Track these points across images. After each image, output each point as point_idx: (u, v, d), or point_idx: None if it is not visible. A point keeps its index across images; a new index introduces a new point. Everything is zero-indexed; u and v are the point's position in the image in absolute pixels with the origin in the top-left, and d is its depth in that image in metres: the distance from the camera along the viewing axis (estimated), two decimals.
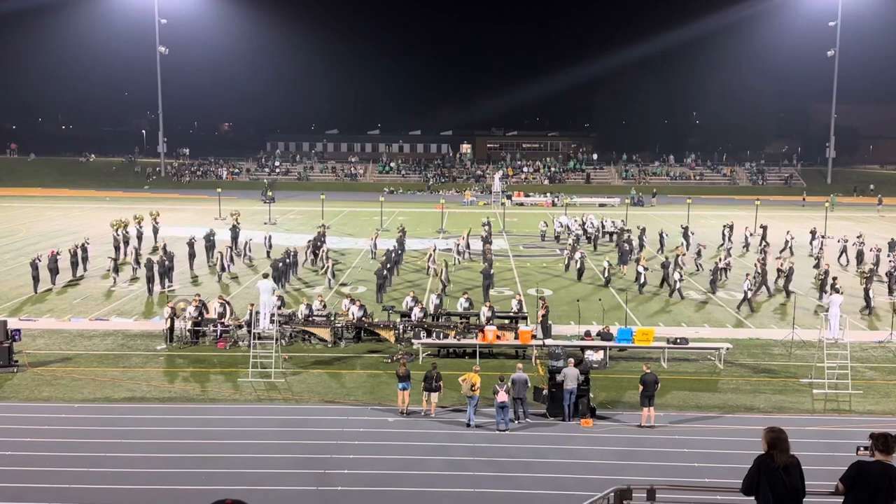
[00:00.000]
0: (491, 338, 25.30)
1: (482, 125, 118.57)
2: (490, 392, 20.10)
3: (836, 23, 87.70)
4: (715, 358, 25.50)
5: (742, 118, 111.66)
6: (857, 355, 25.76)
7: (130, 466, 17.38)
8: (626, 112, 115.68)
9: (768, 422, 14.37)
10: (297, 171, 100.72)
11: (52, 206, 69.81)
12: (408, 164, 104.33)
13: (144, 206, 67.53)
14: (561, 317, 30.28)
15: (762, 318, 31.74)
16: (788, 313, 31.55)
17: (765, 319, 31.61)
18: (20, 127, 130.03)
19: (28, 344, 25.81)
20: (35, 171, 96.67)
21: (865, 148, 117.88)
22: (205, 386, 22.99)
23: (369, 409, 21.08)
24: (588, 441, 19.23)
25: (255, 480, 16.75)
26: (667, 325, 30.11)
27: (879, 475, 7.52)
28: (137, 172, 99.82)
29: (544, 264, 43.40)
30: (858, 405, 21.95)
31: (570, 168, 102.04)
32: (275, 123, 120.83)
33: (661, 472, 17.12)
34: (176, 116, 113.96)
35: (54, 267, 35.28)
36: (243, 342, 26.32)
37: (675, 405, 21.55)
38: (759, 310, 32.93)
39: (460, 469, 17.50)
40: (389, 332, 27.17)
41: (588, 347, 24.93)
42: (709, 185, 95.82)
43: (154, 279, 34.31)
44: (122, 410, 20.84)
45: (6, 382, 22.81)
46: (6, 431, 19.31)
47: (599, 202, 77.38)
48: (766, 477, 7.68)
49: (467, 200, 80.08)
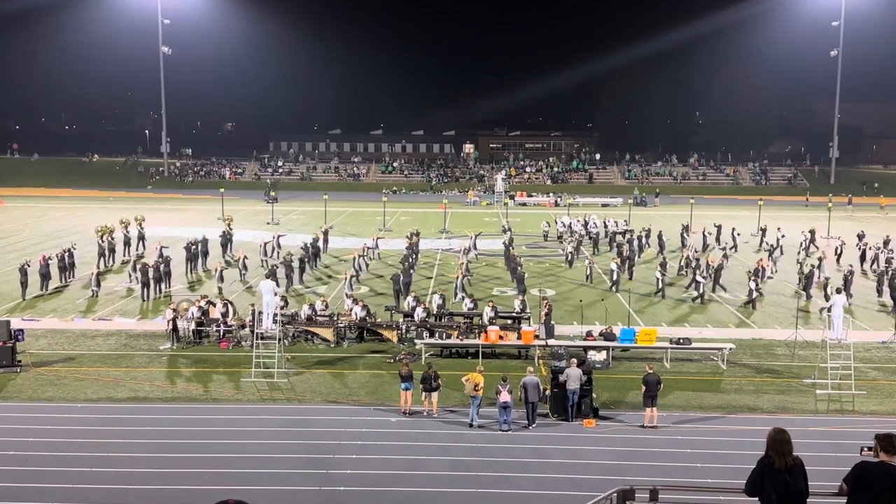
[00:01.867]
0: (493, 338, 25.28)
1: (485, 125, 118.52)
2: (493, 392, 20.08)
3: (840, 22, 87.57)
4: (718, 358, 25.46)
5: (745, 118, 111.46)
6: (861, 356, 25.70)
7: (133, 466, 17.40)
8: (629, 112, 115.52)
9: (771, 422, 14.34)
10: (299, 171, 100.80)
11: (55, 207, 69.89)
12: (410, 164, 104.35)
13: (147, 206, 67.73)
14: (564, 317, 30.27)
15: (765, 319, 31.69)
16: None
17: (767, 319, 31.56)
18: (23, 126, 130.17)
19: (31, 344, 25.84)
20: (38, 171, 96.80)
21: (869, 147, 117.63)
22: (207, 386, 23.00)
23: (372, 409, 21.08)
24: (591, 441, 19.22)
25: (258, 480, 16.76)
26: (670, 325, 30.10)
27: (883, 475, 7.50)
28: (140, 172, 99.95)
29: (547, 264, 43.37)
30: (862, 405, 21.91)
31: (573, 168, 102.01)
32: (278, 123, 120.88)
33: (663, 472, 17.10)
34: (179, 116, 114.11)
35: (46, 272, 35.02)
36: (246, 342, 26.33)
37: (678, 405, 21.53)
38: (761, 301, 32.90)
39: (463, 469, 17.50)
40: (392, 332, 27.17)
41: (591, 348, 24.92)
42: (712, 185, 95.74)
43: (150, 284, 33.66)
44: (125, 410, 20.87)
45: (9, 382, 22.84)
46: (9, 431, 19.35)
47: (602, 202, 77.35)
48: (769, 478, 7.66)
49: (470, 200, 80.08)
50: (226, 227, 46.01)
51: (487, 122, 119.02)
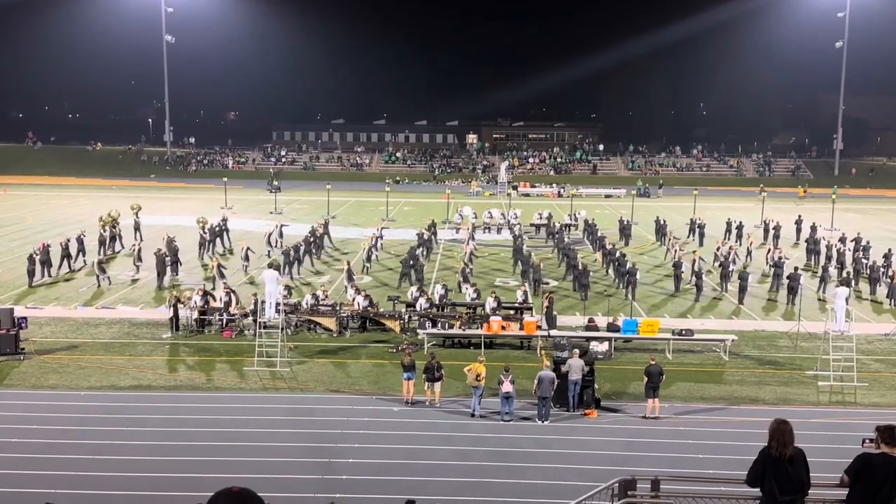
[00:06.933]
0: (496, 328, 25.30)
1: (488, 116, 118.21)
2: (495, 382, 20.10)
3: (845, 13, 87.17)
4: (720, 349, 25.47)
5: (749, 109, 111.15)
6: (863, 348, 25.70)
7: (136, 454, 17.47)
8: (633, 103, 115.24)
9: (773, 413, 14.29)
10: (302, 161, 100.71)
11: (58, 195, 69.94)
12: (413, 155, 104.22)
13: (150, 195, 67.76)
14: (566, 308, 30.27)
15: (768, 310, 31.67)
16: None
17: (771, 311, 31.54)
18: (26, 115, 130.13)
19: (34, 332, 25.91)
20: (42, 160, 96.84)
21: (873, 139, 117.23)
22: (210, 374, 23.06)
23: (374, 398, 21.12)
24: (593, 432, 19.25)
25: (261, 469, 16.81)
26: (672, 317, 30.10)
27: (884, 467, 7.51)
28: (144, 161, 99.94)
29: (549, 255, 43.31)
30: (864, 397, 21.92)
31: (577, 159, 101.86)
32: (281, 113, 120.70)
33: (665, 463, 17.12)
34: (182, 105, 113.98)
35: (46, 259, 35.01)
36: (249, 331, 26.37)
37: (680, 396, 21.55)
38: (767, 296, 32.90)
39: (465, 459, 17.55)
40: (395, 321, 27.20)
41: (593, 338, 24.93)
42: (715, 177, 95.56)
43: (164, 272, 34.03)
44: (128, 398, 20.93)
45: (13, 370, 22.91)
46: (13, 419, 19.42)
47: (605, 193, 77.22)
48: (770, 469, 7.67)
49: (473, 191, 79.98)
50: (220, 219, 45.15)
51: (491, 113, 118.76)
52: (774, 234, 45.21)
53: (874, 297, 33.78)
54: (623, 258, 35.33)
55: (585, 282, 32.16)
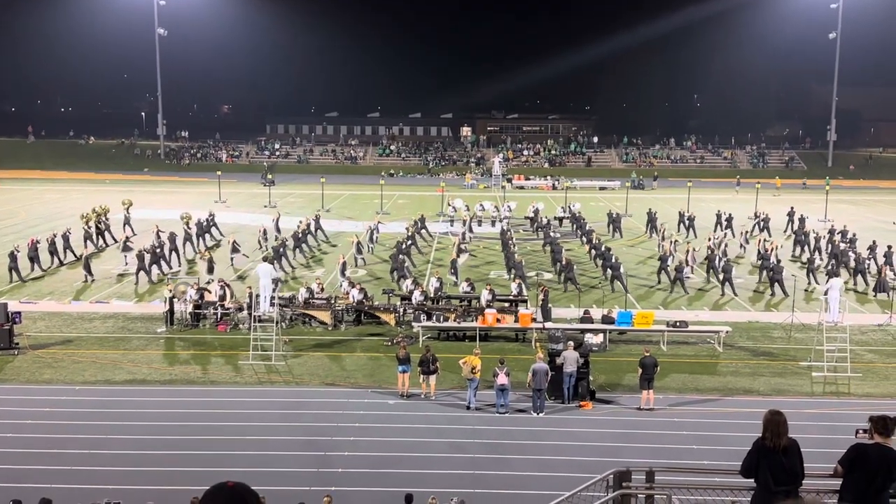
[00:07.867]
0: (491, 321, 25.32)
1: (482, 108, 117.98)
2: (490, 375, 20.13)
3: (838, 5, 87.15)
4: (714, 341, 25.54)
5: (743, 101, 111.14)
6: (857, 338, 25.81)
7: (131, 448, 17.47)
8: (627, 95, 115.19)
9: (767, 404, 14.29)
10: (296, 154, 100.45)
11: (51, 189, 69.67)
12: (408, 147, 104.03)
13: (143, 188, 67.55)
14: (561, 300, 30.31)
15: (761, 302, 31.76)
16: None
17: (765, 303, 31.63)
18: (18, 109, 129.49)
19: (29, 326, 25.86)
20: (34, 154, 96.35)
21: (867, 131, 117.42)
22: (205, 368, 23.06)
23: (369, 391, 21.14)
24: (587, 423, 19.31)
25: (256, 462, 16.83)
26: (667, 308, 30.16)
27: (878, 458, 7.53)
28: (137, 155, 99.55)
29: (538, 249, 43.26)
30: (857, 388, 22.02)
31: (571, 151, 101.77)
32: (274, 106, 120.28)
33: (660, 454, 17.19)
34: (175, 98, 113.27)
35: (35, 255, 34.81)
36: (244, 325, 26.35)
37: (675, 388, 21.63)
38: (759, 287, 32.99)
39: (460, 451, 17.59)
40: (390, 315, 27.20)
41: (588, 330, 24.99)
42: (709, 169, 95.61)
43: (149, 267, 33.36)
44: (122, 393, 20.92)
45: (7, 365, 22.87)
46: (7, 413, 19.40)
47: (600, 185, 77.22)
48: (764, 459, 7.69)
49: (468, 183, 79.91)
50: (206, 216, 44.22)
51: (485, 106, 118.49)
52: (764, 225, 45.31)
53: (856, 288, 33.59)
54: (608, 252, 35.21)
55: (570, 276, 32.18)
